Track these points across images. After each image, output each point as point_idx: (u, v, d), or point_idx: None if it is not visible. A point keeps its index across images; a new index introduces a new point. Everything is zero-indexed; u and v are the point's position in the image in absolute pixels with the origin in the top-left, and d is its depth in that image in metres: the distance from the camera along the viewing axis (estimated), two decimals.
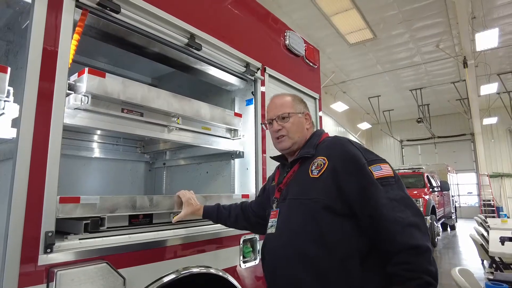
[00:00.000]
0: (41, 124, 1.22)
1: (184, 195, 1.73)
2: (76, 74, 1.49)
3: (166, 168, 3.02)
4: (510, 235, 3.47)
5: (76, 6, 1.38)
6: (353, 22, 9.76)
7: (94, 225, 1.35)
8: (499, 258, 3.83)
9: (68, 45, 1.34)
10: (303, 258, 1.21)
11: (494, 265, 3.86)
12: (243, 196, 2.18)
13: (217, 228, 1.90)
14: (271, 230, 1.36)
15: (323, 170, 1.26)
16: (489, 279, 2.25)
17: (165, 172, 3.03)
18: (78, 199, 1.28)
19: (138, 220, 1.58)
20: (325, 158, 1.29)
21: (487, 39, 9.38)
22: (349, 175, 1.21)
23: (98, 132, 2.61)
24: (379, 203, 1.14)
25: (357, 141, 1.37)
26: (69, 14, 1.35)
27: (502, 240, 3.55)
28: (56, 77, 1.28)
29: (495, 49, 10.83)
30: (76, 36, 1.41)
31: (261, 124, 1.63)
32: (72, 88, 1.45)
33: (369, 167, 1.20)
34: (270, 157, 1.68)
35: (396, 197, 1.15)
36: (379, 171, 1.19)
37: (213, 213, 1.75)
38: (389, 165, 1.24)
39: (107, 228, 1.42)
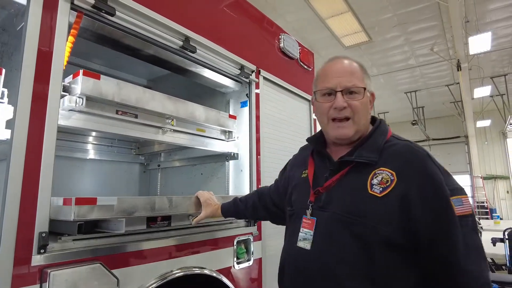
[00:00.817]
0: (35, 126, 1.23)
1: (203, 195, 1.67)
2: (71, 76, 1.50)
3: (161, 170, 3.03)
4: (501, 237, 3.52)
5: (71, 8, 1.39)
6: (349, 25, 9.84)
7: (88, 227, 1.35)
8: (491, 259, 3.88)
9: (63, 47, 1.35)
10: None
11: None
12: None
13: (211, 229, 1.91)
14: (303, 244, 1.08)
15: (389, 189, 0.97)
16: None
17: (159, 173, 3.03)
18: (95, 200, 1.25)
19: (156, 223, 1.54)
20: (393, 173, 0.98)
21: (480, 43, 9.50)
22: (427, 206, 0.94)
23: (93, 133, 2.61)
24: (456, 248, 0.92)
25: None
26: (64, 16, 1.36)
27: (494, 241, 3.60)
28: (51, 79, 1.29)
29: (488, 53, 10.97)
30: (71, 38, 1.42)
31: (313, 93, 1.17)
32: (66, 89, 1.46)
33: (450, 198, 0.94)
34: (307, 139, 1.33)
35: (474, 245, 0.95)
36: (461, 207, 0.95)
37: (231, 209, 1.65)
38: (465, 195, 0.99)
39: (126, 232, 1.40)
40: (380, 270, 0.96)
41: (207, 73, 2.21)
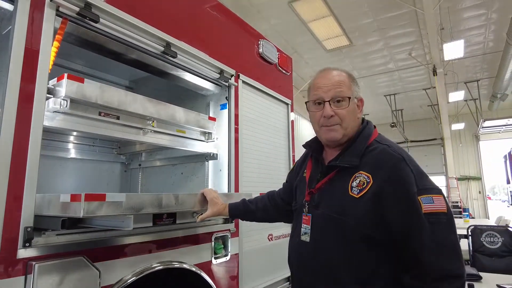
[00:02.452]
0: (21, 126, 1.30)
1: (209, 193, 1.66)
2: (55, 79, 1.57)
3: (142, 169, 3.10)
4: (465, 233, 3.76)
5: (57, 15, 1.47)
6: (330, 29, 10.08)
7: (71, 223, 1.42)
8: None
9: (49, 52, 1.42)
10: (335, 284, 1.12)
11: None
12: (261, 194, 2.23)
13: (190, 226, 2.01)
14: (304, 237, 1.23)
15: (365, 191, 1.09)
16: None
17: (140, 173, 3.10)
18: (104, 196, 1.24)
19: (162, 220, 1.55)
20: (369, 176, 1.10)
21: (454, 50, 9.93)
22: (395, 204, 1.05)
23: (75, 133, 2.65)
24: (422, 243, 1.00)
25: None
26: (49, 23, 1.43)
27: (458, 237, 3.84)
28: (37, 82, 1.37)
29: (462, 59, 11.45)
30: (56, 43, 1.49)
31: (306, 102, 1.28)
32: (51, 92, 1.53)
33: (419, 197, 1.02)
34: (302, 145, 1.44)
35: (445, 242, 1.00)
36: (429, 205, 1.02)
37: (240, 210, 1.67)
38: (444, 198, 1.05)
39: (134, 228, 1.40)
40: (362, 265, 1.08)
41: (188, 77, 2.31)
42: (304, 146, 1.42)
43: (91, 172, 2.86)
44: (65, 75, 1.53)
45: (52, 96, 1.53)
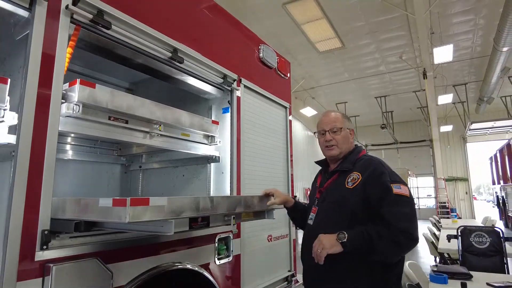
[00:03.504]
0: (39, 131, 1.33)
1: (272, 189, 1.97)
2: (67, 83, 1.60)
3: (142, 171, 3.12)
4: (455, 233, 3.89)
5: (71, 22, 1.50)
6: (323, 31, 10.20)
7: (85, 226, 1.45)
8: (448, 254, 4.26)
9: (64, 58, 1.46)
10: None
11: (442, 261, 4.29)
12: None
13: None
14: (310, 221, 1.77)
15: (356, 184, 1.61)
16: (433, 271, 2.57)
17: (141, 174, 3.12)
18: (147, 201, 1.23)
19: (197, 224, 1.56)
20: (359, 174, 1.63)
21: (443, 54, 10.17)
22: (374, 187, 1.56)
23: (72, 134, 2.66)
24: (391, 211, 1.48)
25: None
26: (65, 29, 1.47)
27: (449, 237, 3.97)
28: (53, 87, 1.40)
29: (451, 63, 11.72)
30: (69, 50, 1.52)
31: (314, 133, 1.95)
32: (63, 97, 1.55)
33: (391, 185, 1.53)
34: (315, 162, 1.99)
35: (406, 212, 1.49)
36: (399, 190, 1.52)
37: (298, 205, 2.02)
38: (408, 188, 1.56)
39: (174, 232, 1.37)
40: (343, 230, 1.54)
41: (192, 81, 2.35)
42: (316, 162, 1.97)
43: (91, 174, 2.87)
44: (78, 80, 1.56)
45: (64, 101, 1.56)
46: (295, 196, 2.09)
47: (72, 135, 2.61)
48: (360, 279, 1.53)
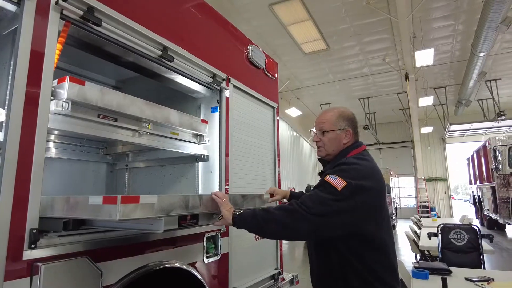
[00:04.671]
0: (27, 128, 1.31)
1: (271, 188, 2.09)
2: (56, 80, 1.57)
3: (129, 170, 3.09)
4: (435, 231, 4.02)
5: (61, 18, 1.48)
6: (309, 33, 10.32)
7: (74, 224, 1.43)
8: (428, 251, 4.40)
9: (53, 54, 1.43)
10: None
11: (423, 258, 4.42)
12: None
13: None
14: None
15: None
16: (415, 267, 2.66)
17: (127, 173, 3.09)
18: (138, 198, 1.21)
19: (186, 222, 1.53)
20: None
21: (424, 57, 10.46)
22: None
23: (59, 132, 2.61)
24: (312, 191, 1.52)
25: (356, 160, 1.61)
26: (54, 25, 1.44)
27: (429, 235, 4.11)
28: (42, 84, 1.38)
29: (432, 66, 12.07)
30: (58, 46, 1.50)
31: (310, 130, 1.87)
32: (52, 94, 1.53)
33: (330, 175, 1.48)
34: (318, 158, 1.93)
35: (319, 193, 1.46)
36: (331, 179, 1.46)
37: (296, 194, 2.10)
38: (345, 182, 1.43)
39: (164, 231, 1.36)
40: None
41: (181, 80, 2.34)
42: (319, 159, 1.90)
43: (76, 172, 2.83)
44: (67, 77, 1.54)
45: (53, 98, 1.53)
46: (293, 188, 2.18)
47: (59, 132, 2.56)
48: (351, 275, 1.49)
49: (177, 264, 1.98)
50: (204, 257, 2.23)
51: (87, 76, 2.86)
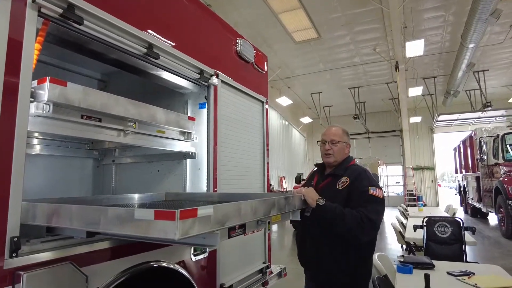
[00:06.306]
0: (5, 132, 1.27)
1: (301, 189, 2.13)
2: (36, 81, 1.52)
3: (116, 165, 3.04)
4: (421, 224, 4.12)
5: (39, 15, 1.42)
6: (300, 21, 10.22)
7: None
8: (414, 242, 4.51)
9: (31, 54, 1.38)
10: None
11: (408, 249, 4.53)
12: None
13: None
14: (307, 214, 1.99)
15: (345, 186, 2.02)
16: (400, 261, 2.72)
17: (114, 169, 3.05)
18: (195, 211, 1.08)
19: (235, 231, 1.41)
20: (348, 178, 2.04)
21: (415, 47, 10.48)
22: (357, 188, 1.98)
23: (36, 134, 2.54)
24: (365, 204, 1.89)
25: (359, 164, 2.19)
26: (32, 24, 1.38)
27: (415, 227, 4.20)
28: (20, 87, 1.32)
29: (422, 56, 12.12)
30: (37, 46, 1.44)
31: (317, 141, 2.21)
32: (32, 95, 1.47)
33: (369, 187, 1.95)
34: (314, 164, 2.45)
35: (374, 206, 1.91)
36: (374, 191, 1.94)
37: None
38: (382, 191, 2.00)
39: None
40: None
41: (168, 76, 2.30)
42: (315, 165, 2.39)
43: (62, 169, 2.77)
44: (47, 78, 1.49)
45: (33, 99, 1.48)
46: (270, 185, 2.27)
47: (40, 135, 2.49)
48: (340, 256, 1.97)
49: (164, 264, 1.98)
50: (192, 255, 2.23)
51: (71, 69, 2.78)
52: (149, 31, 1.96)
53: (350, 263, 1.98)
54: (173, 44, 2.15)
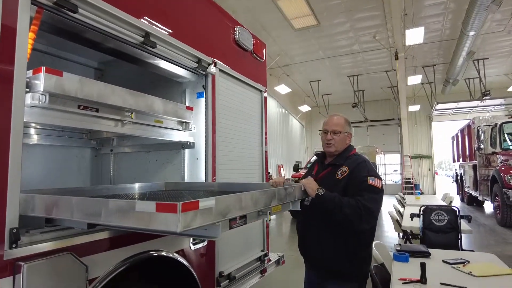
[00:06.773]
0: (1, 124, 1.25)
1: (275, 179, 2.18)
2: (31, 71, 1.49)
3: (114, 155, 3.04)
4: (417, 212, 4.15)
5: (32, 3, 1.39)
6: (299, 8, 10.06)
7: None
8: (410, 231, 4.56)
9: (26, 43, 1.35)
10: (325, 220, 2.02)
11: (405, 237, 4.58)
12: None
13: None
14: (307, 203, 2.06)
15: (344, 175, 2.04)
16: (397, 250, 2.76)
17: (112, 158, 3.04)
18: (197, 204, 1.07)
19: (236, 222, 1.40)
20: (347, 168, 2.05)
21: (415, 35, 10.37)
22: (356, 178, 1.99)
23: (32, 124, 2.52)
24: (363, 193, 1.91)
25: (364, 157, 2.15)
26: (25, 12, 1.35)
27: (412, 216, 4.24)
28: (15, 76, 1.31)
29: (421, 44, 12.01)
30: (31, 35, 1.42)
31: (319, 131, 2.29)
32: (28, 86, 1.46)
33: (368, 177, 1.96)
34: (315, 153, 2.65)
35: (372, 196, 1.92)
36: (372, 181, 1.95)
37: None
38: (381, 181, 2.01)
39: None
40: None
41: (165, 65, 2.27)
42: (316, 154, 2.42)
43: (60, 158, 2.77)
44: (43, 68, 1.47)
45: (28, 90, 1.46)
46: (268, 173, 2.26)
47: (37, 125, 2.47)
48: (340, 243, 2.00)
49: (164, 253, 1.99)
50: (191, 244, 2.25)
51: (68, 58, 2.75)
52: (146, 18, 1.92)
53: (350, 250, 2.01)
54: (170, 32, 2.11)
